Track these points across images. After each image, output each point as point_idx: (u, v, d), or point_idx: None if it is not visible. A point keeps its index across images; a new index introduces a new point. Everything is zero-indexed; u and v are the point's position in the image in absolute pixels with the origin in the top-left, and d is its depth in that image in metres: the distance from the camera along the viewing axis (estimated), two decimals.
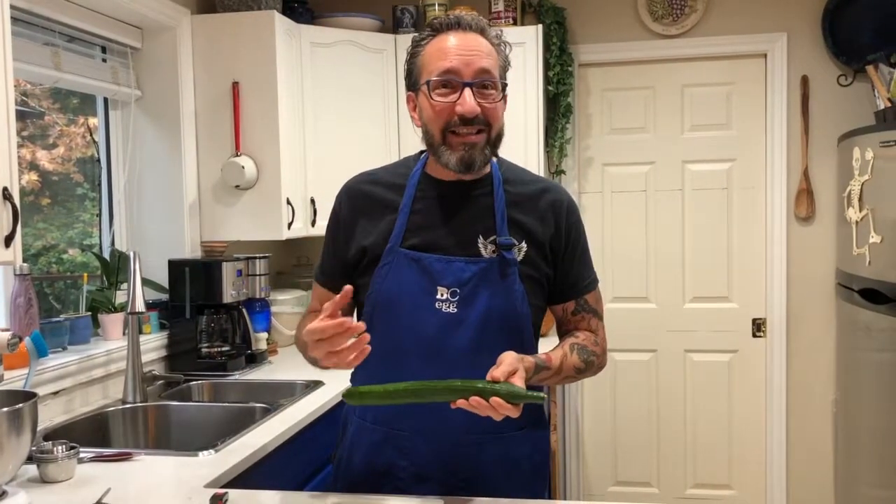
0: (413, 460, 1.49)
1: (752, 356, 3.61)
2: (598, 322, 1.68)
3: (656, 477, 3.72)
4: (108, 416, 2.31)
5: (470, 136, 1.51)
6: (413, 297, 1.55)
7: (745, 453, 3.63)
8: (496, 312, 1.54)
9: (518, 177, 1.64)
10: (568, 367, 1.56)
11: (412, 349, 1.55)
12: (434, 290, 1.54)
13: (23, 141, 2.63)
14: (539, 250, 1.58)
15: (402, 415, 1.55)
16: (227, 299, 2.76)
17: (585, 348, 1.60)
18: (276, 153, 2.94)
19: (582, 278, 1.65)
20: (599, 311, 1.69)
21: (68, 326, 2.42)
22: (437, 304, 1.54)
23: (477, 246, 1.55)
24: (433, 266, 1.55)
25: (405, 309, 1.56)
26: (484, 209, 1.57)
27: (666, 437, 3.71)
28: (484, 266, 1.54)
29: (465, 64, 1.48)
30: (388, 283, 1.57)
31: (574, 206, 1.66)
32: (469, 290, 1.54)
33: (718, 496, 3.65)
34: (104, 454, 1.85)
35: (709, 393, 3.65)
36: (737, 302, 3.62)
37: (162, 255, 2.86)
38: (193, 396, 2.62)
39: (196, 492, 1.62)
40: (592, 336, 1.65)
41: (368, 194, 1.64)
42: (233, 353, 2.82)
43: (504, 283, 1.54)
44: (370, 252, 1.59)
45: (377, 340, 1.56)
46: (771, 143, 3.52)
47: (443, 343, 1.54)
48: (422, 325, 1.55)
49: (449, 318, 1.54)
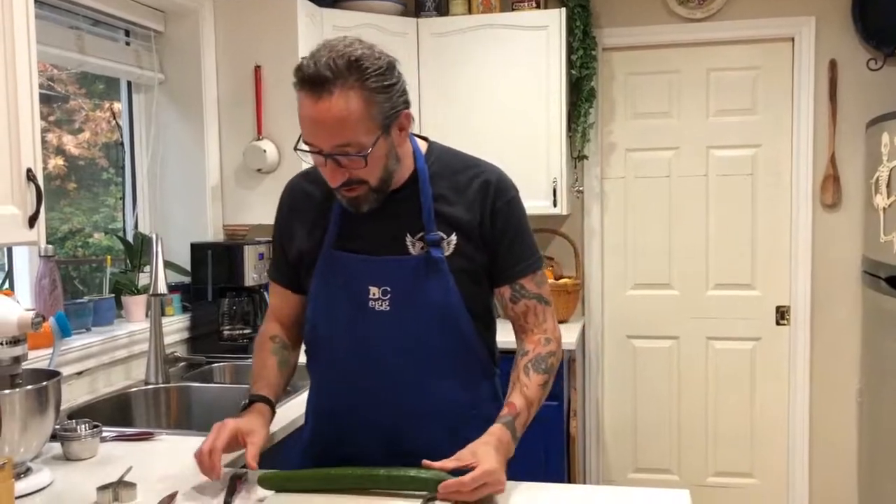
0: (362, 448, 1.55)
1: (775, 344, 3.58)
2: (544, 308, 1.62)
3: (677, 464, 3.70)
4: (131, 396, 2.33)
5: (347, 193, 1.50)
6: (347, 297, 1.58)
7: (767, 442, 3.60)
8: (429, 308, 1.55)
9: (447, 167, 1.60)
10: (534, 394, 1.53)
11: (351, 348, 1.60)
12: (366, 289, 1.56)
13: (49, 126, 2.65)
14: (470, 239, 1.56)
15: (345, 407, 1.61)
16: (248, 282, 2.78)
17: (538, 357, 1.57)
18: (297, 137, 2.93)
19: (516, 261, 1.60)
20: (544, 294, 1.63)
21: (92, 308, 2.44)
22: (371, 303, 1.57)
23: (405, 244, 1.56)
24: (364, 266, 1.57)
25: (340, 309, 1.59)
26: (411, 207, 1.56)
27: (687, 425, 3.68)
28: (413, 263, 1.55)
29: (320, 138, 1.41)
30: (324, 285, 1.61)
31: (504, 186, 1.60)
32: (401, 288, 1.55)
33: (739, 484, 3.63)
34: (126, 433, 1.87)
35: (731, 381, 3.62)
36: (760, 289, 3.58)
37: (184, 239, 2.88)
38: (215, 378, 2.65)
39: None
40: (539, 336, 1.60)
41: (307, 194, 1.65)
42: (254, 335, 2.81)
43: (435, 279, 1.55)
44: (306, 255, 1.63)
45: (321, 341, 1.65)
46: (797, 129, 3.47)
47: (379, 341, 1.57)
48: (357, 325, 1.58)
49: (383, 316, 1.56)
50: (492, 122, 3.25)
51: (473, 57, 3.32)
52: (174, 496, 1.46)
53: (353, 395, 1.61)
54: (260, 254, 2.84)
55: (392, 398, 1.58)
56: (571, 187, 3.58)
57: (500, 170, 1.63)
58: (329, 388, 1.66)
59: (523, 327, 1.63)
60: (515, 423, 1.48)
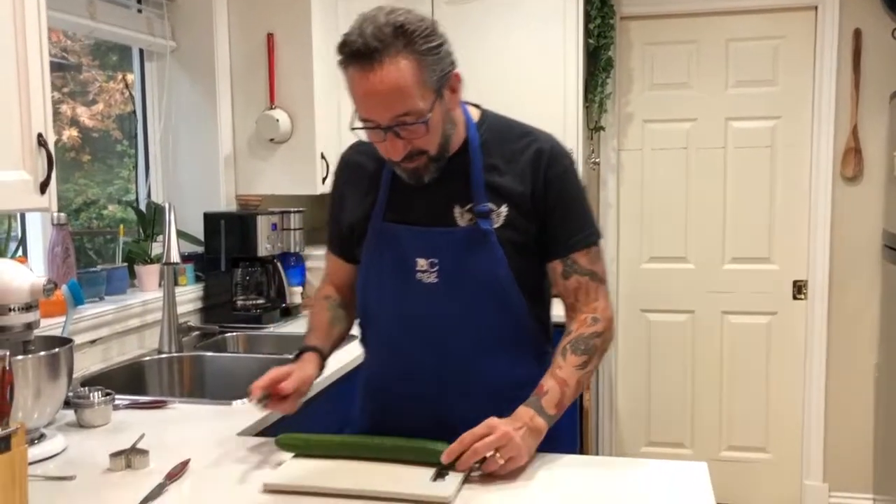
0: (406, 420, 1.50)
1: (791, 319, 3.54)
2: (597, 286, 1.55)
3: (690, 438, 3.69)
4: (144, 365, 2.33)
5: (408, 165, 1.47)
6: (395, 269, 1.56)
7: (781, 417, 3.58)
8: (477, 281, 1.52)
9: (499, 135, 1.55)
10: (568, 375, 1.46)
11: (399, 320, 1.58)
12: (414, 261, 1.54)
13: (63, 97, 2.64)
14: (521, 211, 1.51)
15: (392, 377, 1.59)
16: (261, 252, 2.76)
17: (579, 338, 1.50)
18: (310, 106, 2.91)
19: (568, 234, 1.53)
20: (598, 272, 1.55)
21: (105, 277, 2.43)
22: (419, 275, 1.54)
23: (453, 215, 1.52)
24: (411, 237, 1.54)
25: (389, 281, 1.57)
26: (460, 178, 1.52)
27: (701, 399, 3.67)
28: (460, 235, 1.52)
29: (378, 111, 1.38)
30: (373, 257, 1.59)
31: (558, 154, 1.54)
32: (448, 260, 1.52)
33: (753, 459, 3.61)
34: (139, 401, 1.87)
35: (746, 355, 3.59)
36: (777, 263, 3.54)
37: (197, 208, 2.86)
38: (228, 348, 2.64)
39: (229, 440, 1.63)
40: (587, 315, 1.53)
41: (359, 165, 1.64)
42: (267, 306, 2.83)
43: (483, 251, 1.51)
44: (357, 228, 1.61)
45: (371, 313, 1.64)
46: (819, 100, 3.41)
47: (426, 313, 1.54)
48: (405, 297, 1.56)
49: (430, 288, 1.53)
50: (507, 92, 3.20)
51: (488, 26, 3.27)
52: (187, 463, 1.45)
53: (401, 367, 1.59)
54: (273, 224, 2.82)
55: (439, 372, 1.55)
56: (587, 159, 3.54)
57: (555, 138, 1.57)
58: (379, 359, 1.65)
59: (573, 305, 1.55)
60: (542, 401, 1.43)
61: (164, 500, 1.31)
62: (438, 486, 1.31)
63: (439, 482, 1.32)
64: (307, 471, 1.37)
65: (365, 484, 1.32)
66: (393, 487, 1.30)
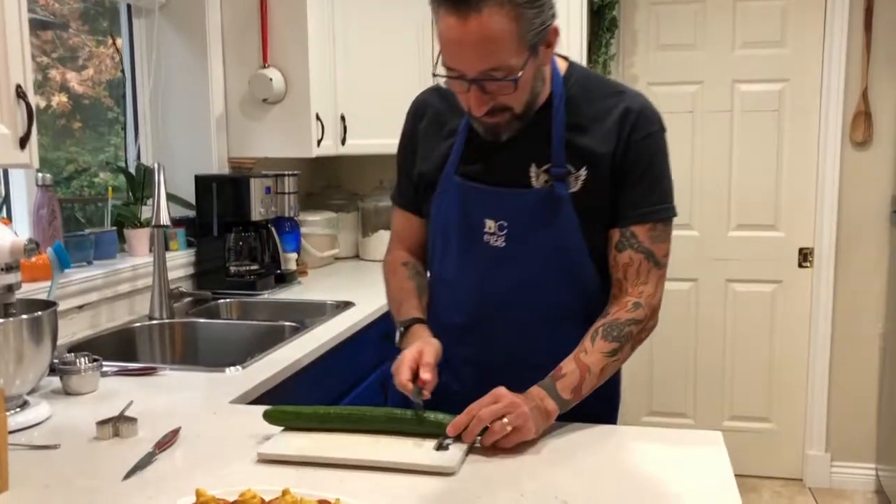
0: (465, 385, 1.39)
1: (797, 287, 3.48)
2: (651, 267, 1.41)
3: (692, 408, 3.64)
4: (135, 331, 2.26)
5: (487, 120, 1.37)
6: (462, 227, 1.47)
7: (785, 386, 3.53)
8: (546, 248, 1.43)
9: (586, 91, 1.43)
10: (593, 360, 1.36)
11: (461, 282, 1.49)
12: (482, 221, 1.45)
13: (52, 62, 2.55)
14: (601, 175, 1.40)
15: (452, 342, 1.47)
16: (255, 217, 2.68)
17: (614, 323, 1.39)
18: (304, 66, 2.81)
19: (635, 203, 1.40)
20: (657, 253, 1.41)
21: (93, 241, 2.35)
22: (486, 237, 1.45)
23: (528, 176, 1.42)
24: (481, 196, 1.45)
25: (455, 242, 1.49)
26: (540, 135, 1.41)
27: (704, 368, 3.61)
28: (534, 197, 1.42)
29: (466, 62, 1.27)
30: (441, 213, 1.50)
31: (647, 117, 1.41)
32: (518, 224, 1.43)
33: (756, 429, 3.57)
34: (128, 368, 1.80)
35: (750, 324, 3.53)
36: (783, 230, 3.47)
37: (188, 171, 2.77)
38: (221, 314, 2.57)
39: (222, 407, 1.56)
40: (630, 299, 1.41)
41: (436, 111, 1.53)
42: (262, 272, 2.75)
43: (555, 217, 1.41)
44: (427, 178, 1.51)
45: (435, 270, 1.56)
46: (828, 62, 3.31)
47: (490, 278, 1.46)
48: (470, 259, 1.47)
49: (497, 252, 1.44)
50: None
51: None
52: (177, 432, 1.38)
53: (459, 329, 1.51)
54: (267, 188, 2.73)
55: (497, 340, 1.48)
56: None
57: (647, 100, 1.44)
58: (439, 317, 1.55)
59: (619, 283, 1.43)
60: (557, 384, 1.34)
61: (153, 469, 1.24)
62: (442, 455, 1.25)
63: (442, 452, 1.26)
64: (303, 441, 1.30)
65: (365, 454, 1.25)
66: (395, 457, 1.24)
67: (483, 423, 1.26)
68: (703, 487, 1.18)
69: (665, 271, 1.45)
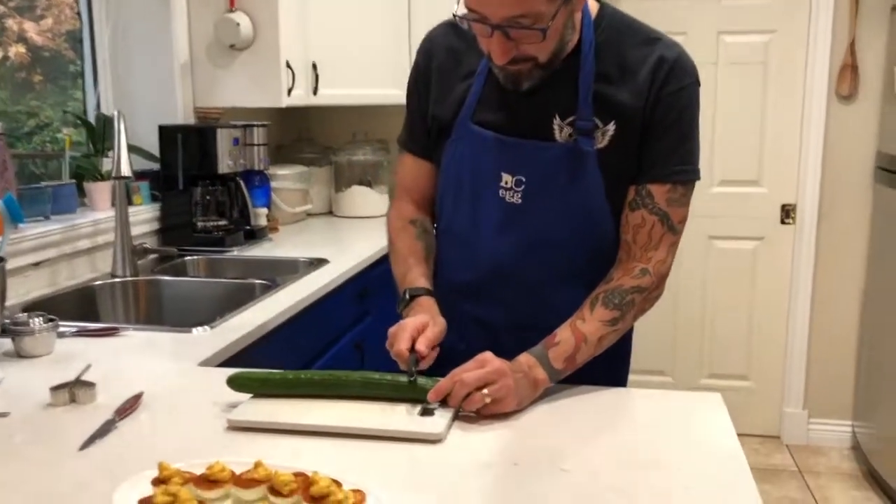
0: (471, 346, 1.29)
1: (778, 244, 3.43)
2: (664, 232, 1.31)
3: (671, 366, 3.60)
4: (96, 290, 2.13)
5: (509, 68, 1.25)
6: (476, 181, 1.36)
7: (764, 345, 3.50)
8: (566, 208, 1.33)
9: (618, 38, 1.30)
10: (590, 329, 1.27)
11: (471, 239, 1.39)
12: (498, 175, 1.34)
13: (9, 11, 2.40)
14: (630, 131, 1.29)
15: (460, 300, 1.40)
16: (222, 169, 2.55)
17: (617, 290, 1.30)
18: (273, 9, 2.65)
19: (656, 161, 1.29)
20: (673, 217, 1.31)
21: (51, 194, 2.21)
22: (501, 193, 1.35)
23: (551, 128, 1.31)
24: (499, 148, 1.33)
25: (468, 194, 1.38)
26: (566, 85, 1.29)
27: (683, 326, 3.56)
28: (556, 152, 1.31)
29: (491, 6, 1.16)
30: (454, 163, 1.39)
31: (682, 69, 1.29)
32: (537, 180, 1.32)
33: (734, 387, 3.53)
34: (88, 329, 1.68)
35: (731, 281, 3.48)
36: (766, 186, 3.40)
37: (151, 121, 2.62)
38: (188, 272, 2.45)
39: (188, 370, 1.46)
40: (636, 266, 1.31)
41: (451, 49, 1.40)
42: (230, 227, 2.62)
43: (579, 175, 1.31)
44: (440, 122, 1.39)
45: (444, 223, 1.45)
46: (815, 13, 3.22)
47: (503, 237, 1.36)
48: (483, 215, 1.37)
49: (512, 209, 1.34)
50: None
51: None
52: (139, 397, 1.28)
53: (468, 287, 1.41)
54: (235, 139, 2.60)
55: (508, 300, 1.39)
56: None
57: (683, 49, 1.33)
58: (446, 273, 1.45)
59: (628, 246, 1.33)
60: (549, 352, 1.26)
61: (112, 439, 1.14)
62: (427, 421, 1.16)
63: (427, 418, 1.17)
64: (277, 407, 1.20)
65: (345, 420, 1.15)
66: (377, 424, 1.14)
67: (467, 388, 1.17)
68: (708, 451, 1.11)
69: (679, 239, 1.35)
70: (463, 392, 1.17)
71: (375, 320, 2.53)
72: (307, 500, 0.91)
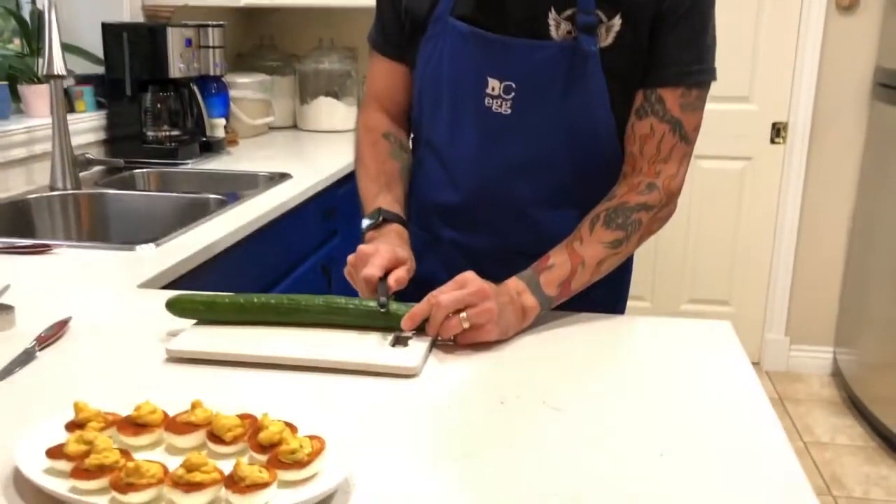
0: (453, 274, 1.13)
1: (767, 164, 3.28)
2: (676, 142, 1.14)
3: (650, 291, 3.48)
4: (31, 203, 1.92)
5: None
6: (457, 87, 1.18)
7: (748, 269, 3.38)
8: (564, 119, 1.15)
9: None
10: (589, 252, 1.11)
11: (456, 157, 1.21)
12: (483, 80, 1.15)
13: None
14: (640, 25, 1.11)
15: (441, 224, 1.26)
16: (174, 73, 2.31)
17: (620, 207, 1.13)
18: None
19: (663, 61, 1.13)
20: (685, 124, 1.14)
21: None
22: (487, 101, 1.16)
23: (546, 23, 1.12)
24: (484, 47, 1.14)
25: (447, 102, 1.19)
26: None
27: (664, 250, 3.43)
28: (552, 53, 1.13)
29: None
30: (431, 65, 1.19)
31: None
32: (529, 86, 1.14)
33: (714, 312, 3.43)
34: (14, 245, 1.48)
35: (716, 203, 3.34)
36: (757, 103, 3.23)
37: (94, 18, 2.36)
38: (137, 186, 2.24)
39: (126, 293, 1.28)
40: (642, 180, 1.15)
41: None
42: (184, 138, 2.40)
43: (580, 79, 1.13)
44: (414, 16, 1.20)
45: (425, 137, 1.26)
46: None
47: (489, 152, 1.18)
48: (466, 128, 1.19)
49: (500, 121, 1.16)
50: None
51: None
52: (66, 323, 1.10)
53: (450, 208, 1.25)
54: (187, 39, 2.35)
55: (495, 224, 1.23)
56: None
57: None
58: (426, 193, 1.29)
59: (634, 159, 1.16)
60: (540, 277, 1.09)
61: (30, 370, 0.97)
62: (400, 353, 1.00)
63: (399, 349, 1.01)
64: (226, 335, 1.03)
65: (303, 351, 0.99)
66: (340, 356, 0.98)
67: (445, 311, 1.01)
68: (723, 384, 0.96)
69: (692, 149, 1.19)
70: (441, 315, 1.01)
71: (344, 241, 2.36)
72: (255, 449, 0.75)
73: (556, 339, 1.09)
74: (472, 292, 1.02)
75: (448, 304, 1.01)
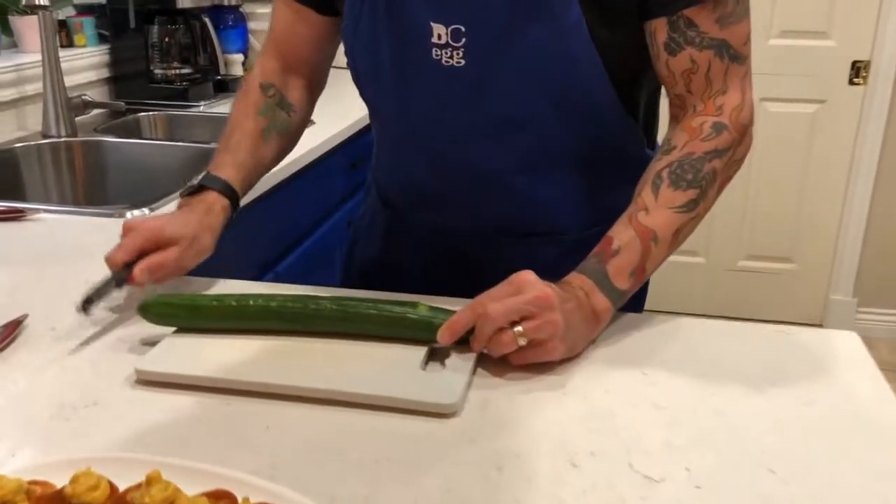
0: (425, 263, 0.95)
1: (843, 108, 2.94)
2: (728, 65, 0.90)
3: (704, 246, 3.21)
4: (18, 153, 1.71)
5: None
6: (396, 37, 0.93)
7: (814, 224, 3.09)
8: (532, 64, 0.90)
9: None
10: (661, 221, 0.88)
11: (406, 125, 1.00)
12: (427, 27, 0.91)
13: None
14: None
15: (405, 207, 1.10)
16: (183, 3, 2.06)
17: (687, 161, 0.90)
18: None
19: None
20: (731, 41, 0.89)
21: None
22: (435, 52, 0.92)
23: None
24: None
25: (388, 59, 0.95)
26: None
27: (721, 200, 3.04)
28: None
29: None
30: (361, 15, 0.96)
31: None
32: (484, 30, 0.89)
33: (774, 269, 3.16)
34: None
35: (782, 151, 3.02)
36: (835, 39, 2.88)
37: None
38: (143, 132, 2.02)
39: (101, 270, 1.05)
40: (704, 120, 0.91)
41: None
42: (196, 77, 2.17)
43: (547, 15, 0.88)
44: None
45: (372, 103, 1.06)
46: None
47: (446, 116, 0.95)
48: (413, 88, 0.96)
49: (454, 75, 0.92)
50: None
51: None
52: (19, 324, 0.88)
53: (410, 188, 1.07)
54: None
55: (464, 201, 1.03)
56: None
57: None
58: (385, 172, 1.11)
59: (682, 100, 0.93)
60: (607, 266, 0.86)
61: None
62: (433, 380, 0.77)
63: (434, 372, 0.78)
64: (211, 350, 0.81)
65: (304, 376, 0.76)
66: (355, 386, 0.75)
67: (495, 324, 0.78)
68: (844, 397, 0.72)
69: (749, 66, 0.94)
70: (490, 329, 0.78)
71: None
72: None
73: (640, 350, 0.85)
74: (530, 299, 0.78)
75: (499, 315, 0.77)
